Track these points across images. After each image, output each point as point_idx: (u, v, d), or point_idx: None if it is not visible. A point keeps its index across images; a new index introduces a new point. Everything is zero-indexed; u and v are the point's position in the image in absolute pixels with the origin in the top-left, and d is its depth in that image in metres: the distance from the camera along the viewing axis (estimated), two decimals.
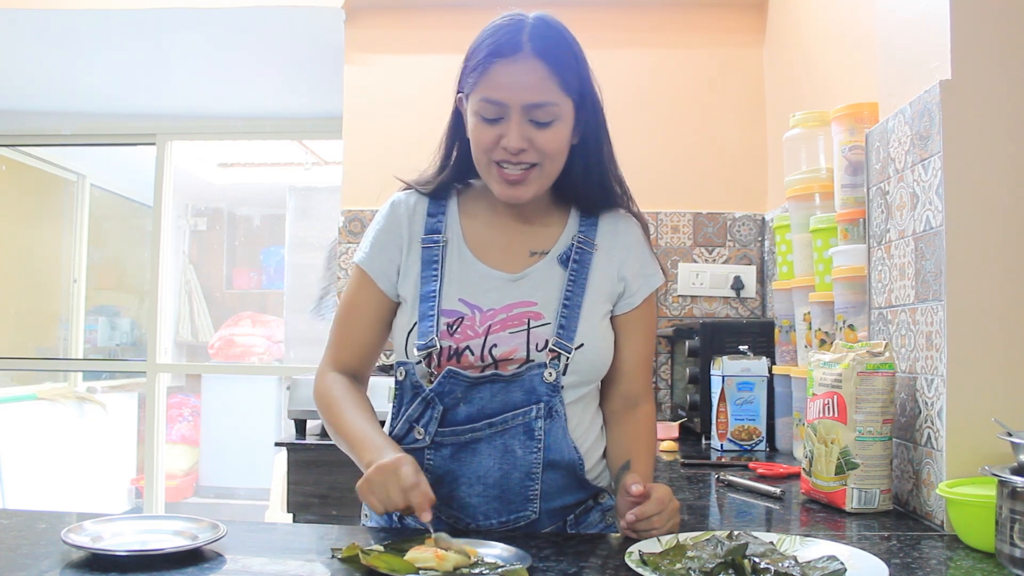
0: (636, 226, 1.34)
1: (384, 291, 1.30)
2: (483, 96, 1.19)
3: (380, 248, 1.31)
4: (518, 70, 1.17)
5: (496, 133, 1.19)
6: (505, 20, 1.21)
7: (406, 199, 1.33)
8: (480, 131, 1.21)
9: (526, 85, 1.17)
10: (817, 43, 2.41)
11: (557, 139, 1.20)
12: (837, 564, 0.96)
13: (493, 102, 1.18)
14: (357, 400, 1.27)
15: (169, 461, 4.84)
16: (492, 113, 1.19)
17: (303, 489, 2.48)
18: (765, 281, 2.88)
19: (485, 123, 1.20)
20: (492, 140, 1.20)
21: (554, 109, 1.19)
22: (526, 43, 1.17)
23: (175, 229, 4.85)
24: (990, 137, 1.24)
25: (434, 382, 1.22)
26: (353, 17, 3.07)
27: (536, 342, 1.22)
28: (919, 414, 1.33)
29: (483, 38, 1.21)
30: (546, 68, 1.17)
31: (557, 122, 1.20)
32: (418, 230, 1.30)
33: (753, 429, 2.10)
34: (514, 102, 1.17)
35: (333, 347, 1.33)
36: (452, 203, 1.33)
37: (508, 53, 1.17)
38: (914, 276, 1.34)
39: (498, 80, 1.17)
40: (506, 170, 1.21)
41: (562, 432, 1.23)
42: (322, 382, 1.31)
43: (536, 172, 1.22)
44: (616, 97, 2.89)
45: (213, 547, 1.08)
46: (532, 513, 1.23)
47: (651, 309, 1.35)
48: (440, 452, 1.23)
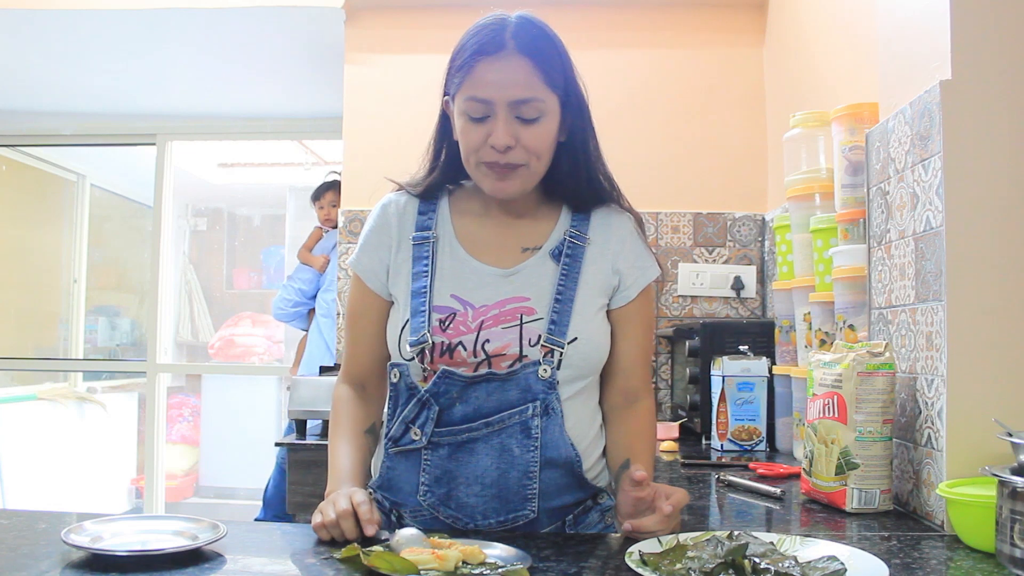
0: (629, 220, 1.34)
1: (376, 292, 1.31)
2: (468, 95, 1.20)
3: (370, 249, 1.33)
4: (502, 67, 1.18)
5: (483, 132, 1.20)
6: (488, 20, 1.22)
7: (396, 199, 1.34)
8: (468, 131, 1.22)
9: (511, 81, 1.18)
10: (817, 43, 2.41)
11: (543, 136, 1.22)
12: (837, 564, 0.96)
13: (479, 100, 1.19)
14: (348, 427, 1.30)
15: (169, 461, 4.84)
16: (479, 112, 1.20)
17: (303, 489, 2.47)
18: (765, 281, 2.88)
19: (472, 123, 1.21)
20: (480, 139, 1.21)
21: (540, 105, 1.20)
22: (509, 40, 1.18)
23: (175, 229, 4.85)
24: (990, 137, 1.24)
25: (429, 382, 1.23)
26: (353, 17, 3.07)
27: (529, 337, 1.23)
28: (919, 414, 1.33)
29: (467, 39, 1.22)
30: (530, 64, 1.19)
31: (543, 118, 1.21)
32: (408, 229, 1.31)
33: (753, 429, 2.10)
34: (499, 99, 1.18)
35: (344, 358, 1.37)
36: (443, 202, 1.34)
37: (492, 51, 1.18)
38: (914, 276, 1.34)
39: (483, 78, 1.18)
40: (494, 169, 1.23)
41: (559, 430, 1.23)
42: (334, 396, 1.36)
43: (523, 170, 1.23)
44: (616, 97, 2.91)
45: (213, 547, 1.08)
46: (531, 512, 1.23)
47: (648, 303, 1.34)
48: (437, 452, 1.23)
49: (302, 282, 3.54)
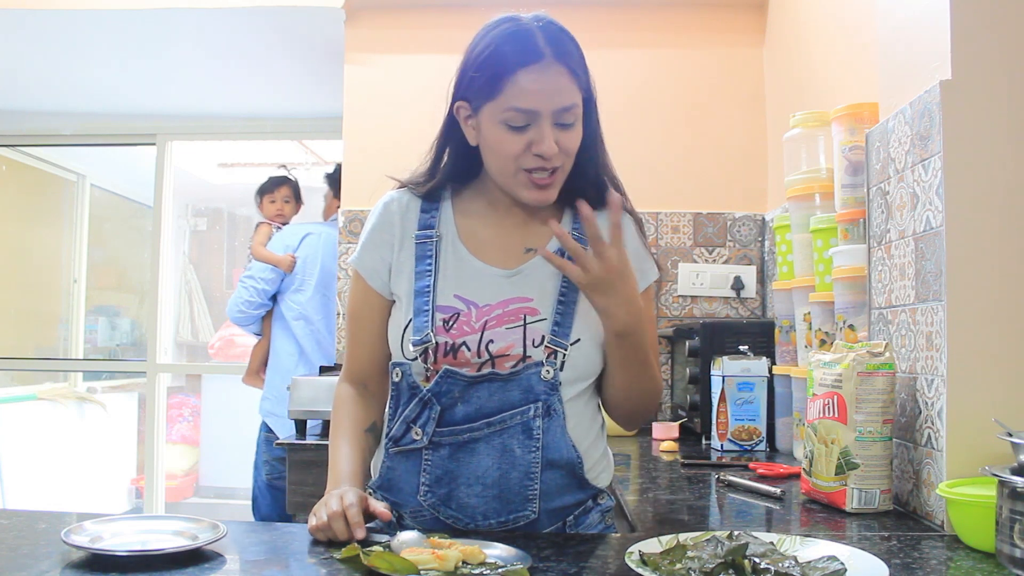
0: (631, 222, 1.34)
1: (378, 291, 1.31)
2: (511, 105, 1.18)
3: (372, 247, 1.32)
4: (545, 77, 1.17)
5: (525, 140, 1.20)
6: (512, 27, 1.20)
7: (399, 197, 1.34)
8: (508, 140, 1.20)
9: (555, 90, 1.18)
10: (817, 43, 2.41)
11: (577, 138, 1.23)
12: (837, 564, 0.96)
13: (523, 111, 1.18)
14: (348, 427, 1.31)
15: (169, 461, 4.84)
16: (521, 121, 1.19)
17: (303, 489, 2.47)
18: (765, 281, 2.88)
19: (512, 131, 1.20)
20: (521, 147, 1.20)
21: (577, 110, 1.21)
22: (545, 48, 1.18)
23: (175, 229, 4.84)
24: (990, 137, 1.24)
25: (431, 381, 1.23)
26: (353, 17, 3.07)
27: (533, 338, 1.23)
28: (919, 414, 1.33)
29: (493, 46, 1.20)
30: (567, 71, 1.19)
31: (577, 122, 1.22)
32: (411, 227, 1.31)
33: (753, 429, 2.10)
34: (546, 109, 1.18)
35: (345, 357, 1.37)
36: (446, 201, 1.33)
37: (531, 60, 1.17)
38: (914, 276, 1.34)
39: (526, 88, 1.17)
40: (535, 175, 1.22)
41: (560, 431, 1.23)
42: (335, 396, 1.36)
43: (560, 174, 1.24)
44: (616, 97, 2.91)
45: (213, 547, 1.08)
46: (532, 513, 1.23)
47: (648, 303, 1.34)
48: (438, 452, 1.23)
49: (264, 282, 3.24)
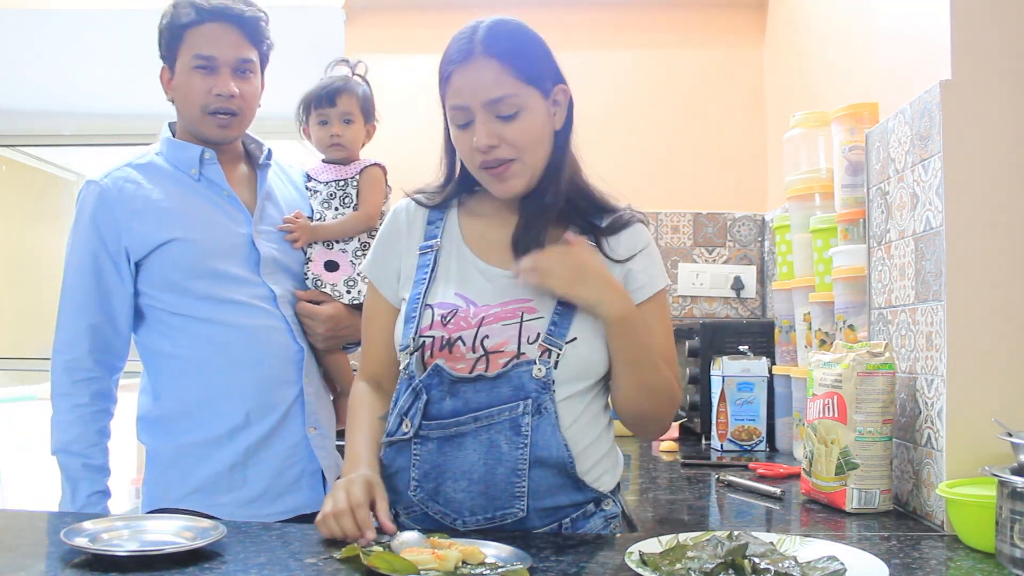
0: (644, 231, 1.34)
1: (387, 297, 1.35)
2: (450, 104, 1.24)
3: (381, 255, 1.37)
4: (471, 71, 1.21)
5: (471, 137, 1.24)
6: (462, 30, 1.26)
7: (407, 206, 1.38)
8: (458, 139, 1.26)
9: (479, 83, 1.21)
10: (817, 43, 2.41)
11: (526, 130, 1.23)
12: (837, 564, 0.96)
13: (457, 107, 1.23)
14: (364, 416, 1.34)
15: None
16: (461, 119, 1.24)
17: None
18: (765, 281, 2.88)
19: (460, 130, 1.25)
20: (469, 146, 1.25)
21: (515, 100, 1.22)
22: (477, 45, 1.22)
23: None
24: (990, 137, 1.24)
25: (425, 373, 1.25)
26: (353, 17, 3.07)
27: (528, 335, 1.23)
28: (919, 414, 1.33)
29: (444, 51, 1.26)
30: (498, 63, 1.21)
31: (523, 113, 1.23)
32: (416, 238, 1.34)
33: (753, 429, 2.10)
34: (473, 102, 1.22)
35: (361, 356, 1.41)
36: (452, 210, 1.36)
37: (462, 58, 1.22)
38: (914, 276, 1.34)
39: (457, 85, 1.22)
40: (490, 170, 1.25)
41: (551, 429, 1.22)
42: (352, 392, 1.40)
43: (518, 166, 1.25)
44: (616, 97, 2.91)
45: (213, 547, 1.09)
46: (519, 511, 1.22)
47: (660, 310, 1.32)
48: (426, 445, 1.24)
49: None
